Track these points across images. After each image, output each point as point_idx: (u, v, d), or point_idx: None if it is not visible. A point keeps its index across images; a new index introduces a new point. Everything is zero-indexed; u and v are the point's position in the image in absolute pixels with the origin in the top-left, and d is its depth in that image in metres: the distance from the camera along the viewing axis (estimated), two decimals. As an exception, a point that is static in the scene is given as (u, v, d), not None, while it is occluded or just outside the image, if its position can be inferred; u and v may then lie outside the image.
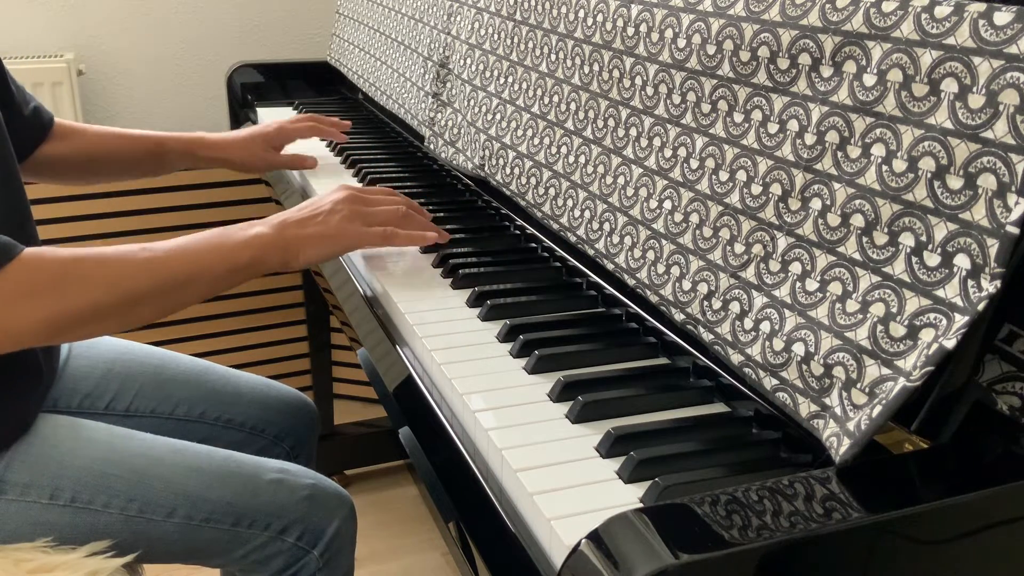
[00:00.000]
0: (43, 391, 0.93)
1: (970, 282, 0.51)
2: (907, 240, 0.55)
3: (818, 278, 0.60)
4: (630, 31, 0.81)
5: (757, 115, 0.67)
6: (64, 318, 0.76)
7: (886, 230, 0.56)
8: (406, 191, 1.23)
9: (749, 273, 0.66)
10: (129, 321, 0.81)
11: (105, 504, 0.87)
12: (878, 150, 0.57)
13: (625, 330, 0.84)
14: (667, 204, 0.75)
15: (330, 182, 1.29)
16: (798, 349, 0.60)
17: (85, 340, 0.96)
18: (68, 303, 0.76)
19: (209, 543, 0.91)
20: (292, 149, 1.38)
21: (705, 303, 0.69)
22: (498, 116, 1.03)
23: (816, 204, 0.61)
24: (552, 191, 0.92)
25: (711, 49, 0.71)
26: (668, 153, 0.76)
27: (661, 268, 0.74)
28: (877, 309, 0.56)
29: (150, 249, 0.81)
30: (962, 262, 0.51)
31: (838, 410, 0.56)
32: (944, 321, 0.52)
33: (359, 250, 0.99)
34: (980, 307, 0.50)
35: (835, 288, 0.59)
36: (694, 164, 0.73)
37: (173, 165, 1.26)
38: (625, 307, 0.85)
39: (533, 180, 0.95)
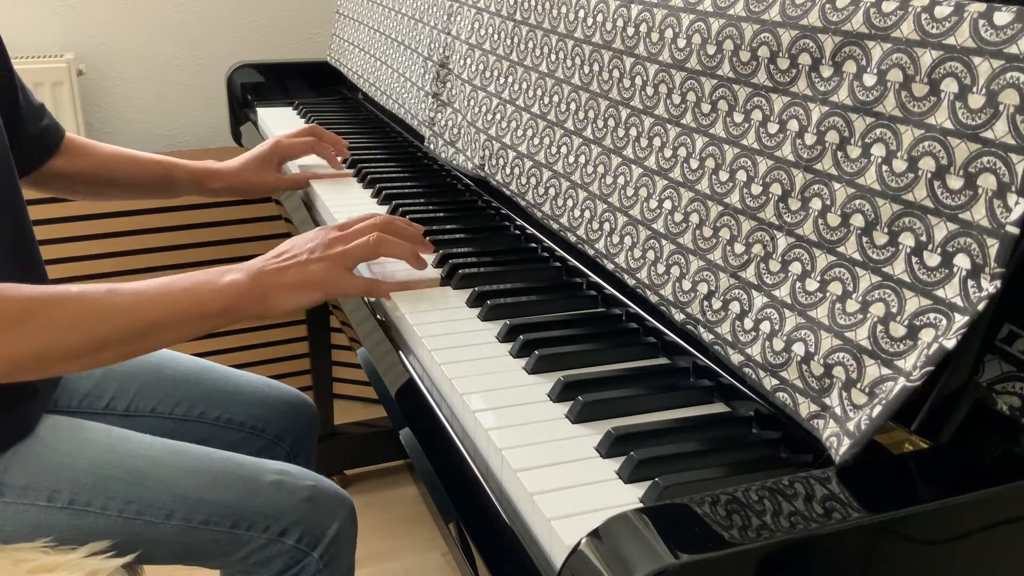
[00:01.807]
0: (41, 404, 0.93)
1: (970, 282, 0.51)
2: (907, 240, 0.55)
3: (818, 278, 0.60)
4: (630, 31, 0.81)
5: (757, 115, 0.67)
6: (23, 358, 0.74)
7: (886, 230, 0.56)
8: (406, 191, 1.23)
9: (749, 273, 0.65)
10: (92, 364, 0.79)
11: (104, 506, 0.87)
12: (878, 150, 0.57)
13: (625, 330, 0.84)
14: (667, 204, 0.75)
15: (331, 183, 1.28)
16: (798, 349, 0.60)
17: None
18: (27, 344, 0.74)
19: (208, 545, 0.91)
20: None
21: (705, 303, 0.69)
22: (498, 116, 1.03)
23: (816, 204, 0.61)
24: (552, 191, 0.92)
25: (711, 49, 0.71)
26: (668, 153, 0.76)
27: (661, 268, 0.74)
28: (877, 309, 0.56)
29: (119, 292, 0.79)
30: (962, 262, 0.51)
31: (838, 410, 0.56)
32: (944, 321, 0.52)
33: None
34: (980, 307, 0.50)
35: (835, 288, 0.59)
36: (694, 164, 0.73)
37: (181, 192, 1.23)
38: (625, 307, 0.85)
39: (533, 180, 0.95)
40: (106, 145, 1.18)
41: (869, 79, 0.58)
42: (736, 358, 0.65)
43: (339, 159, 1.33)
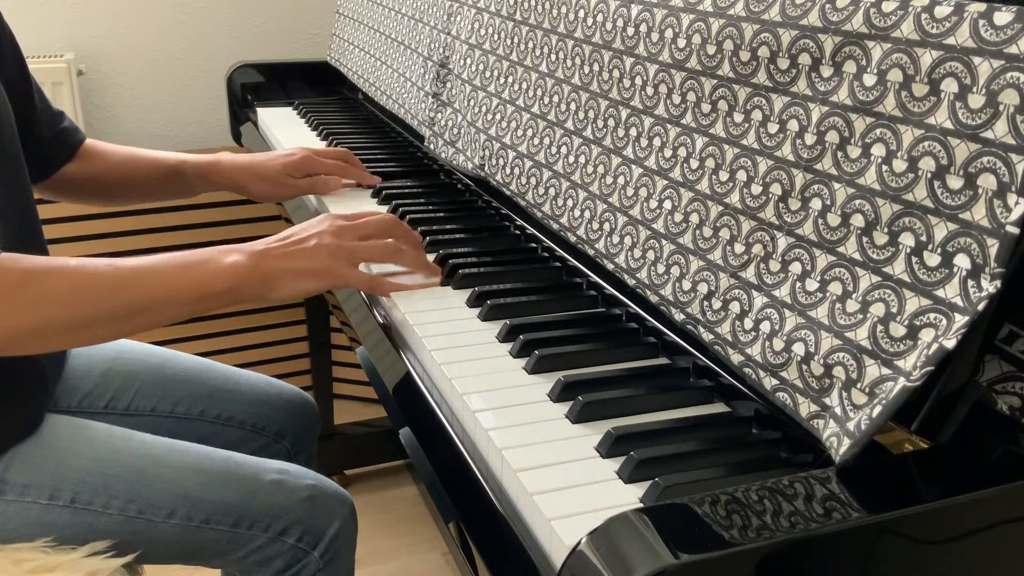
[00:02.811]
0: (48, 396, 0.93)
1: (970, 282, 0.51)
2: (907, 240, 0.55)
3: (818, 278, 0.60)
4: (630, 31, 0.81)
5: (757, 115, 0.67)
6: (19, 331, 0.73)
7: (886, 230, 0.56)
8: (406, 191, 1.23)
9: (749, 273, 0.66)
10: (85, 340, 0.79)
11: (105, 505, 0.87)
12: (878, 150, 0.57)
13: (625, 330, 0.84)
14: (667, 204, 0.75)
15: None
16: (798, 349, 0.60)
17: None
18: (22, 316, 0.73)
19: (209, 544, 0.91)
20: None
21: (705, 303, 0.69)
22: (498, 116, 1.03)
23: (816, 204, 0.61)
24: (552, 191, 0.92)
25: (711, 49, 0.71)
26: (668, 153, 0.76)
27: (661, 268, 0.74)
28: (877, 309, 0.56)
29: (119, 267, 0.78)
30: (962, 262, 0.51)
31: (838, 410, 0.56)
32: (944, 321, 0.52)
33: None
34: (980, 307, 0.50)
35: (835, 288, 0.59)
36: (694, 164, 0.73)
37: (193, 189, 1.20)
38: (625, 307, 0.85)
39: (533, 180, 0.95)
40: (122, 147, 1.15)
41: (869, 79, 0.58)
42: (736, 358, 0.65)
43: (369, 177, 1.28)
